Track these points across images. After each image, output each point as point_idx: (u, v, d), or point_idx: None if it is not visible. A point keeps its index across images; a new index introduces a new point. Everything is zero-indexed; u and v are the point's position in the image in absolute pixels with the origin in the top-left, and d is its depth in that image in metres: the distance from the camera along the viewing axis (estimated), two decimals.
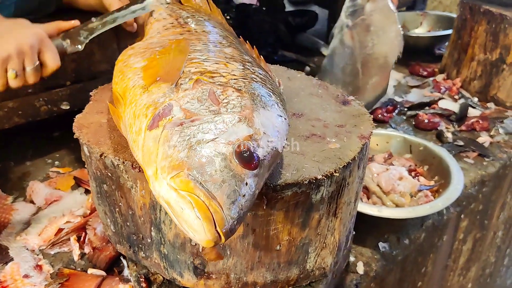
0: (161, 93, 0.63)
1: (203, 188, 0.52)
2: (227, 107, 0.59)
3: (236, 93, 0.62)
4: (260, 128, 0.58)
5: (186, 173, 0.52)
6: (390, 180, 1.02)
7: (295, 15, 1.91)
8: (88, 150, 0.73)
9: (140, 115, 0.62)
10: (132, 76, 0.70)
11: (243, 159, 0.54)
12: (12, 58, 0.85)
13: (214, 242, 0.51)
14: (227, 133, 0.56)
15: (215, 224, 0.50)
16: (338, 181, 0.69)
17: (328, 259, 0.76)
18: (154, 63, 0.71)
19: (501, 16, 1.39)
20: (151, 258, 0.78)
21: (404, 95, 1.58)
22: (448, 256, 1.26)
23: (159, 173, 0.54)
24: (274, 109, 0.63)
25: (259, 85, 0.66)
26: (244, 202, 0.53)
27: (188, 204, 0.51)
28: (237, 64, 0.71)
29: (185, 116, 0.58)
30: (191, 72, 0.66)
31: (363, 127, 0.76)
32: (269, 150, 0.57)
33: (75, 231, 0.96)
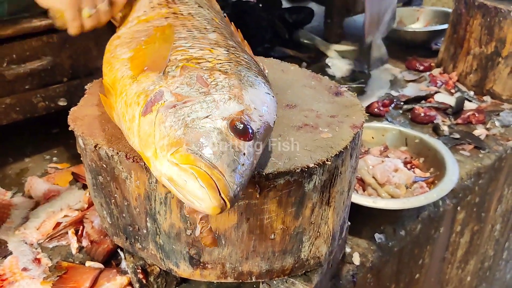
0: (150, 82, 0.65)
1: (204, 159, 0.54)
2: (216, 88, 0.62)
3: (223, 75, 0.64)
4: (250, 104, 0.61)
5: (185, 148, 0.55)
6: (385, 172, 1.03)
7: (292, 11, 1.92)
8: (83, 142, 0.74)
9: (132, 103, 0.64)
10: (120, 67, 0.72)
11: (238, 131, 0.57)
12: None
13: (220, 208, 0.53)
14: (220, 110, 0.59)
15: (219, 191, 0.52)
16: (331, 170, 0.69)
17: (323, 248, 0.77)
18: (140, 53, 0.73)
19: (495, 10, 1.39)
20: (147, 249, 0.79)
21: (401, 89, 1.59)
22: (446, 249, 1.27)
23: (159, 152, 0.56)
24: (261, 87, 0.66)
25: (245, 68, 0.69)
26: (244, 171, 0.56)
27: (190, 176, 0.53)
28: (222, 49, 0.73)
29: (176, 99, 0.60)
30: (177, 60, 0.68)
31: (355, 117, 0.77)
32: (261, 124, 0.60)
33: (73, 225, 0.97)
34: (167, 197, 0.68)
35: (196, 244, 0.72)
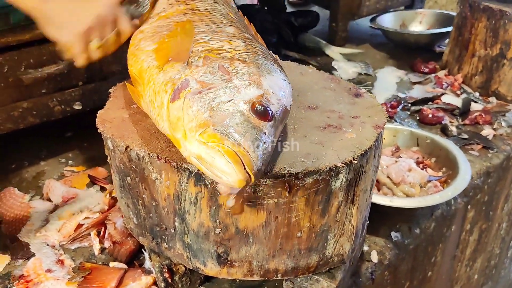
0: (175, 71, 0.71)
1: (230, 138, 0.59)
2: (237, 75, 0.68)
3: (242, 64, 0.70)
4: (269, 89, 0.67)
5: (212, 128, 0.60)
6: (400, 172, 1.05)
7: (297, 15, 1.95)
8: (112, 144, 0.76)
9: (160, 91, 0.70)
10: (146, 58, 0.78)
11: (259, 113, 0.63)
12: (91, 30, 0.84)
13: (246, 181, 0.57)
14: (241, 95, 0.64)
15: (244, 166, 0.57)
16: (356, 169, 0.71)
17: (346, 246, 0.79)
18: (164, 45, 0.79)
19: (500, 12, 1.42)
20: (174, 249, 0.80)
21: (407, 91, 1.61)
22: (456, 247, 1.29)
23: (188, 133, 0.62)
24: (278, 74, 0.72)
25: (261, 57, 0.75)
26: (265, 148, 0.61)
27: (218, 153, 0.58)
28: (239, 41, 0.79)
29: (201, 86, 0.66)
30: (199, 51, 0.74)
31: (377, 118, 0.79)
32: (279, 106, 0.66)
33: (95, 226, 0.98)
34: (198, 196, 0.70)
35: (224, 243, 0.74)
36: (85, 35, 0.83)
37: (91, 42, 0.85)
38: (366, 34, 2.18)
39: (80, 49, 0.84)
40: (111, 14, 0.86)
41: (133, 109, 0.82)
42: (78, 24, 0.83)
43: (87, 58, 0.87)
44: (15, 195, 1.12)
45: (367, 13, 1.96)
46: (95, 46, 0.85)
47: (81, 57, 0.86)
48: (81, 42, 0.83)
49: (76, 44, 0.84)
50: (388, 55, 1.95)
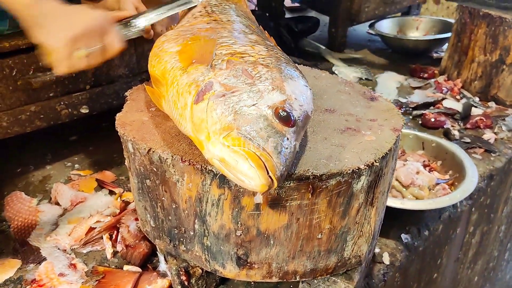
0: (199, 73, 0.71)
1: (253, 142, 0.59)
2: (260, 79, 0.68)
3: (265, 68, 0.71)
4: (291, 95, 0.67)
5: (236, 132, 0.60)
6: (409, 175, 1.06)
7: (297, 21, 1.96)
8: (133, 147, 0.76)
9: (183, 92, 0.70)
10: (169, 59, 0.79)
11: (282, 118, 0.63)
12: (78, 39, 0.83)
13: (268, 186, 0.58)
14: (265, 99, 0.65)
15: (267, 171, 0.57)
16: (377, 171, 0.72)
17: (364, 247, 0.80)
18: (187, 47, 0.80)
19: (500, 19, 1.45)
20: (192, 251, 0.80)
21: (408, 96, 1.63)
22: (460, 249, 1.31)
23: (212, 136, 0.62)
24: (300, 80, 0.72)
25: (284, 62, 0.75)
26: (288, 153, 0.61)
27: (242, 157, 0.58)
28: (262, 46, 0.80)
29: (225, 89, 0.67)
30: (222, 54, 0.74)
31: (394, 121, 0.80)
32: (301, 112, 0.66)
33: (107, 230, 0.98)
34: (220, 198, 0.71)
35: (245, 245, 0.74)
36: (72, 42, 0.82)
37: (77, 51, 0.84)
38: (364, 39, 2.21)
39: (64, 56, 0.83)
40: (102, 27, 0.86)
41: (152, 112, 0.82)
42: (68, 30, 0.82)
43: (69, 67, 0.85)
44: (22, 199, 1.11)
45: (365, 19, 1.99)
46: (81, 54, 0.84)
47: (63, 64, 0.84)
48: (67, 48, 0.82)
49: (62, 49, 0.82)
50: (386, 60, 1.97)
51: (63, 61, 0.84)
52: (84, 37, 0.83)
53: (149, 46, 1.00)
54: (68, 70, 0.86)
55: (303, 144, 0.73)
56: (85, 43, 0.84)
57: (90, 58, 0.86)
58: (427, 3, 3.43)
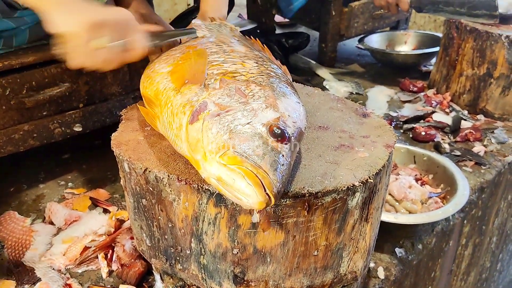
0: (193, 93, 0.72)
1: (249, 160, 0.60)
2: (253, 98, 0.70)
3: (258, 87, 0.72)
4: (285, 112, 0.69)
5: (232, 150, 0.61)
6: (401, 189, 1.08)
7: (288, 36, 1.99)
8: (129, 166, 0.76)
9: (178, 113, 0.71)
10: (161, 80, 0.80)
11: (277, 135, 0.64)
12: (103, 26, 0.76)
13: (266, 203, 0.58)
14: (259, 117, 0.66)
15: (264, 188, 0.58)
16: (371, 188, 0.73)
17: (359, 263, 0.81)
18: (178, 67, 0.81)
19: (487, 34, 1.48)
20: (188, 270, 0.80)
21: (398, 110, 1.66)
22: (453, 261, 1.32)
23: (208, 155, 0.63)
24: (293, 97, 0.74)
25: (275, 79, 0.77)
26: (284, 170, 0.62)
27: (238, 175, 0.59)
28: (252, 61, 0.82)
29: (219, 108, 0.68)
30: (214, 74, 0.76)
31: (386, 137, 0.82)
32: (295, 129, 0.68)
33: (103, 249, 0.97)
34: (217, 217, 0.71)
35: (241, 263, 0.75)
36: (93, 27, 0.75)
37: (95, 39, 0.76)
38: (354, 54, 2.24)
39: (82, 42, 0.76)
40: (128, 23, 0.81)
41: (147, 131, 0.83)
42: (91, 14, 0.77)
43: (85, 56, 0.78)
44: (16, 219, 1.10)
45: (355, 34, 2.01)
46: (100, 43, 0.77)
47: (79, 52, 0.77)
48: (86, 33, 0.75)
49: (81, 34, 0.75)
50: (376, 74, 2.00)
51: (80, 49, 0.77)
52: (106, 26, 0.77)
53: (142, 63, 1.01)
54: (83, 62, 0.78)
55: (298, 161, 0.74)
56: (108, 33, 0.77)
57: (109, 52, 0.78)
58: (415, 16, 3.49)
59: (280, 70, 0.85)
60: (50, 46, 1.13)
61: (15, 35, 1.08)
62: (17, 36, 1.09)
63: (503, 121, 1.56)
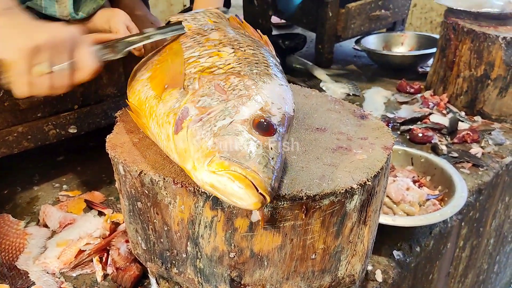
0: (174, 99, 0.70)
1: (236, 162, 0.59)
2: (233, 92, 0.68)
3: (237, 78, 0.70)
4: (267, 100, 0.67)
5: (218, 156, 0.60)
6: (399, 191, 1.07)
7: (285, 38, 1.98)
8: (124, 169, 0.75)
9: (163, 123, 0.70)
10: (141, 88, 0.78)
11: (262, 128, 0.63)
12: (42, 49, 0.72)
13: (261, 203, 0.57)
14: (241, 114, 0.64)
15: (256, 188, 0.57)
16: (369, 190, 0.72)
17: (357, 266, 0.80)
18: (157, 72, 0.79)
19: (484, 35, 1.48)
20: (184, 274, 0.79)
21: (395, 111, 1.65)
22: (450, 263, 1.31)
23: (196, 164, 0.61)
24: (274, 80, 0.72)
25: (254, 64, 0.74)
26: (274, 164, 0.61)
27: (228, 180, 0.58)
28: (227, 48, 0.79)
29: (201, 112, 0.65)
30: (192, 73, 0.74)
31: (384, 139, 0.81)
32: (281, 116, 0.66)
33: (97, 252, 0.96)
34: (213, 220, 0.70)
35: (238, 266, 0.74)
36: (32, 53, 0.71)
37: (37, 65, 0.73)
38: (351, 55, 2.24)
39: (22, 70, 0.72)
40: (71, 41, 0.76)
41: (143, 133, 0.82)
42: (29, 40, 0.72)
43: (27, 84, 0.74)
44: (9, 221, 1.09)
45: (351, 35, 2.01)
46: (41, 70, 0.73)
47: (21, 81, 0.73)
48: (25, 61, 0.71)
49: (19, 62, 0.72)
50: (373, 76, 1.99)
51: (22, 78, 0.73)
52: (47, 49, 0.72)
53: None
54: (29, 91, 0.74)
55: (296, 164, 0.73)
56: (48, 57, 0.73)
57: (54, 76, 0.74)
58: (411, 18, 3.49)
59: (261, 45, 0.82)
60: None
61: None
62: None
63: (501, 123, 1.56)
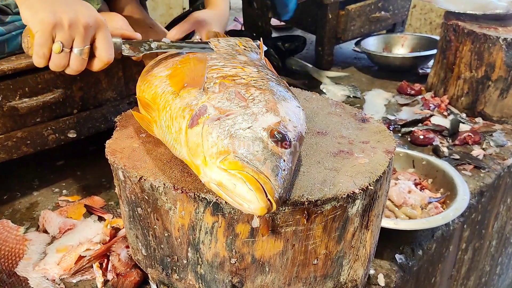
0: (192, 97, 0.71)
1: (251, 165, 0.59)
2: (254, 102, 0.69)
3: (258, 91, 0.71)
4: (285, 116, 0.68)
5: (232, 155, 0.60)
6: (401, 194, 1.06)
7: (285, 40, 1.97)
8: (124, 175, 0.75)
9: (177, 117, 0.70)
10: (159, 84, 0.79)
11: (278, 140, 0.63)
12: (62, 27, 0.76)
13: (267, 209, 0.58)
14: (259, 122, 0.65)
15: (266, 193, 0.57)
16: (371, 194, 0.72)
17: (360, 271, 0.79)
18: (178, 71, 0.80)
19: (484, 36, 1.47)
20: (185, 280, 0.79)
21: (396, 113, 1.64)
22: (453, 266, 1.31)
23: (208, 160, 0.62)
24: (293, 101, 0.73)
25: (275, 84, 0.76)
26: (285, 175, 0.62)
27: (239, 180, 0.58)
28: (252, 67, 0.80)
29: (219, 112, 0.66)
30: (214, 77, 0.75)
31: (386, 143, 0.80)
32: (296, 133, 0.67)
33: (97, 258, 0.95)
34: (214, 226, 0.69)
35: (239, 272, 0.73)
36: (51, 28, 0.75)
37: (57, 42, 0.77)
38: (351, 57, 2.23)
39: (41, 42, 0.76)
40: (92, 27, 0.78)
41: (143, 138, 0.81)
42: (52, 14, 0.75)
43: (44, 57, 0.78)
44: (9, 227, 1.08)
45: (351, 37, 2.01)
46: (57, 48, 0.77)
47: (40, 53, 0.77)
48: (44, 34, 0.76)
49: (40, 34, 0.76)
50: (373, 77, 1.99)
51: (40, 49, 0.77)
52: (68, 28, 0.76)
53: (138, 68, 0.99)
54: (44, 63, 0.79)
55: (297, 168, 0.73)
56: (68, 36, 0.77)
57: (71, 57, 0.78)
58: (411, 19, 3.49)
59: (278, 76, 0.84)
60: None
61: (7, 40, 1.06)
62: (9, 42, 1.07)
63: (502, 124, 1.55)
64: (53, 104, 1.14)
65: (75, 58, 0.79)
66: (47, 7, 0.76)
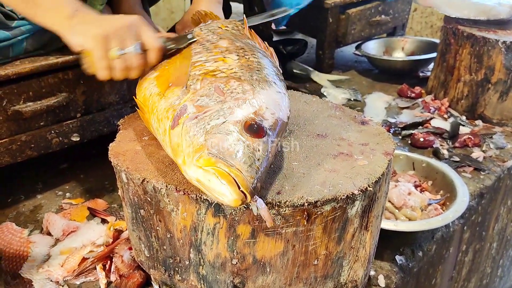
0: (175, 96, 0.74)
1: (223, 159, 0.61)
2: (231, 95, 0.71)
3: (237, 82, 0.73)
4: (262, 105, 0.70)
5: (206, 153, 0.63)
6: (401, 196, 1.07)
7: (286, 43, 1.99)
8: (127, 177, 0.76)
9: (162, 118, 0.73)
10: (148, 86, 0.82)
11: (252, 130, 0.65)
12: (111, 34, 0.85)
13: (241, 200, 0.60)
14: (234, 115, 0.67)
15: (238, 186, 0.59)
16: (370, 196, 0.73)
17: (360, 272, 0.80)
18: (164, 72, 0.83)
19: (484, 39, 1.48)
20: (187, 281, 0.80)
21: (396, 116, 1.65)
22: (453, 268, 1.31)
23: (186, 159, 0.64)
24: (272, 87, 0.75)
25: (255, 71, 0.77)
26: (260, 164, 0.63)
27: (212, 175, 0.60)
28: (233, 55, 0.82)
29: (198, 111, 0.68)
30: (196, 75, 0.76)
31: (385, 145, 0.81)
32: (274, 121, 0.69)
33: (101, 260, 0.96)
34: (215, 227, 0.71)
35: (241, 273, 0.74)
36: (104, 40, 0.85)
37: (111, 50, 0.85)
38: (351, 61, 2.24)
39: (99, 56, 0.85)
40: (136, 27, 0.88)
41: (145, 141, 0.83)
42: (100, 29, 0.85)
43: (106, 68, 0.87)
44: (13, 230, 1.09)
45: (352, 40, 2.02)
46: (114, 54, 0.86)
47: (100, 65, 0.87)
48: (100, 47, 0.85)
49: (95, 49, 0.85)
50: (374, 81, 2.00)
51: (100, 62, 0.86)
52: (116, 35, 0.85)
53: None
54: (108, 74, 0.88)
55: (297, 170, 0.74)
56: (118, 42, 0.85)
57: (127, 58, 0.86)
58: (411, 22, 3.50)
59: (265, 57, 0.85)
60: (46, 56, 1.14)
61: (12, 45, 1.08)
62: (14, 47, 1.08)
63: (502, 126, 1.56)
64: (57, 108, 1.15)
65: (133, 56, 0.87)
66: (92, 26, 0.87)
